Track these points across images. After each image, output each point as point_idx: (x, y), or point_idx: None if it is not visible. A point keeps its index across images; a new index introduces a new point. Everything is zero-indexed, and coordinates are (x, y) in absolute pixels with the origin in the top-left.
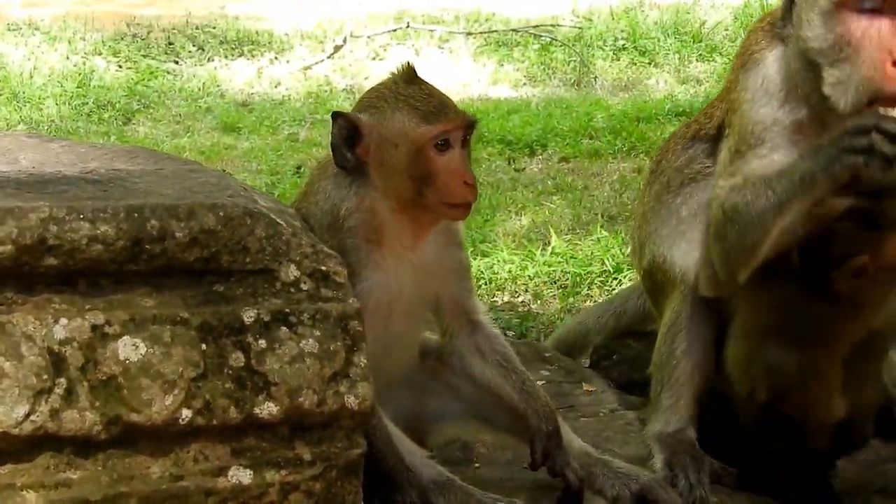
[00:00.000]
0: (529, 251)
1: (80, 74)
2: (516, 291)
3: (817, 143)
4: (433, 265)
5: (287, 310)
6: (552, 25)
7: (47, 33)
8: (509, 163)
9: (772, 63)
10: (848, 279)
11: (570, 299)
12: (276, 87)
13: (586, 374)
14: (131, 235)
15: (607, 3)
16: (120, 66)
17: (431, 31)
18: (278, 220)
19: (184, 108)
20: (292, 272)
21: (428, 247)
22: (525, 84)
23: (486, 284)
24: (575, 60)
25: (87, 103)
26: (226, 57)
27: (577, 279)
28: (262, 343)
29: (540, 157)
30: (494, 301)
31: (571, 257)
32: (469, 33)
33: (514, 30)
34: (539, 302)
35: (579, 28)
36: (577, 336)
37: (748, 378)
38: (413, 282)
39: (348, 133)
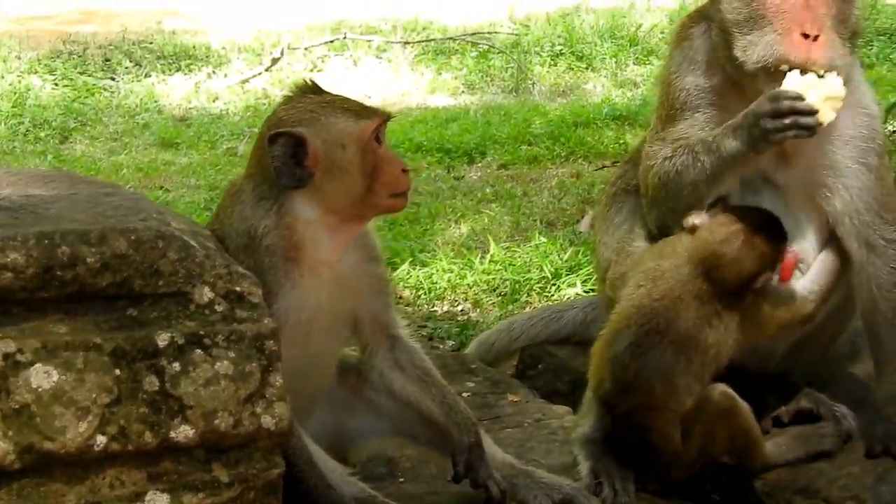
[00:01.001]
0: (468, 259)
1: (15, 93)
2: (456, 300)
3: (741, 115)
4: (352, 280)
5: (201, 332)
6: (489, 33)
7: None
8: (448, 171)
9: (696, 38)
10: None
11: (510, 307)
12: (213, 101)
13: (512, 385)
14: (42, 262)
15: (544, 8)
16: (56, 84)
17: (369, 41)
18: (191, 242)
19: (121, 125)
20: (206, 294)
21: (346, 262)
22: (463, 92)
23: (425, 294)
24: (512, 67)
25: (22, 123)
26: (163, 72)
27: (517, 286)
28: (177, 366)
29: (479, 164)
30: (434, 311)
31: (510, 264)
32: (406, 42)
33: (451, 38)
34: (478, 310)
35: (516, 35)
36: (505, 341)
37: (597, 368)
38: (332, 298)
39: (292, 150)
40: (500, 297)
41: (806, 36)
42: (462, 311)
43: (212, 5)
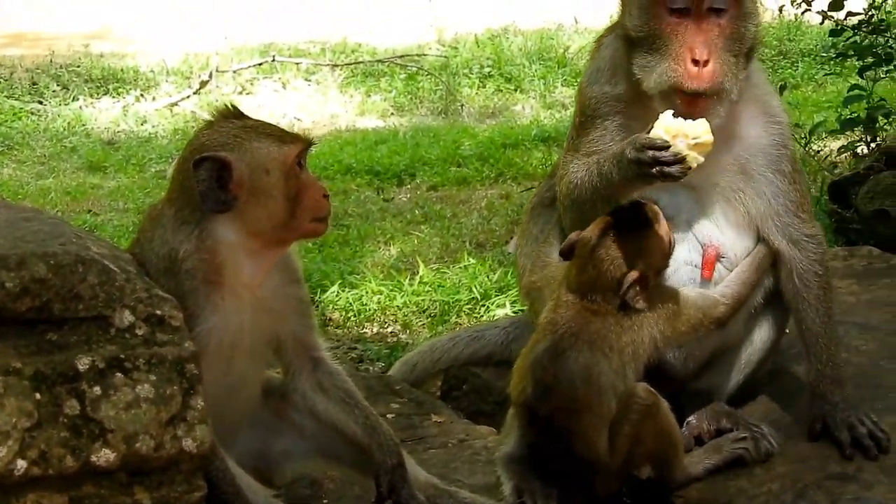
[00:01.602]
0: (398, 281)
1: None
2: (385, 322)
3: (619, 150)
4: (273, 303)
5: (122, 356)
6: (418, 55)
7: None
8: (378, 193)
9: (604, 49)
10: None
11: (439, 328)
12: (142, 124)
13: (436, 406)
14: None
15: (472, 30)
16: None
17: (297, 63)
18: (112, 266)
19: (49, 149)
20: (127, 318)
21: (268, 285)
22: (393, 114)
23: (354, 316)
24: (441, 89)
25: None
26: (91, 96)
27: (446, 307)
28: (97, 390)
29: (408, 186)
30: (364, 333)
31: (439, 286)
32: (335, 65)
33: (379, 60)
34: (408, 332)
35: (445, 57)
36: (427, 362)
37: (518, 377)
38: (254, 321)
39: (217, 174)
40: (429, 319)
41: (696, 62)
42: (392, 332)
43: (140, 28)
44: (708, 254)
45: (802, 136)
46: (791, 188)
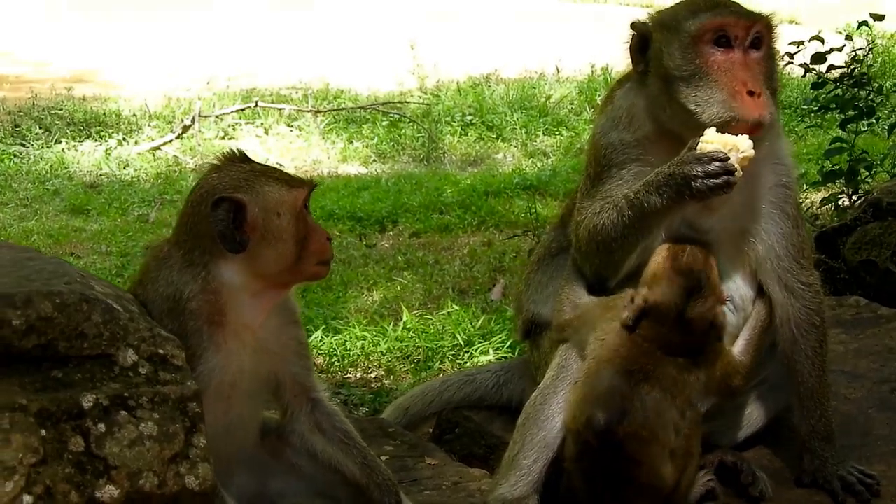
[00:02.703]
0: (381, 327)
1: None
2: (369, 367)
3: (664, 173)
4: (273, 344)
5: (126, 394)
6: (400, 102)
7: None
8: (360, 239)
9: (618, 99)
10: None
11: (423, 374)
12: (124, 168)
13: (429, 448)
14: None
15: (454, 77)
16: None
17: (280, 109)
18: (115, 306)
19: (31, 191)
20: (130, 356)
21: (268, 326)
22: (375, 160)
23: (338, 361)
24: (423, 136)
25: None
26: (73, 139)
27: (430, 353)
28: (102, 427)
29: (391, 232)
30: (347, 378)
31: (423, 332)
32: (317, 111)
33: (362, 107)
34: (392, 377)
35: (427, 104)
36: (420, 406)
37: (584, 405)
38: (253, 361)
39: (233, 215)
40: (413, 365)
41: (751, 93)
42: (375, 377)
43: (122, 72)
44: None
45: None
46: (794, 231)
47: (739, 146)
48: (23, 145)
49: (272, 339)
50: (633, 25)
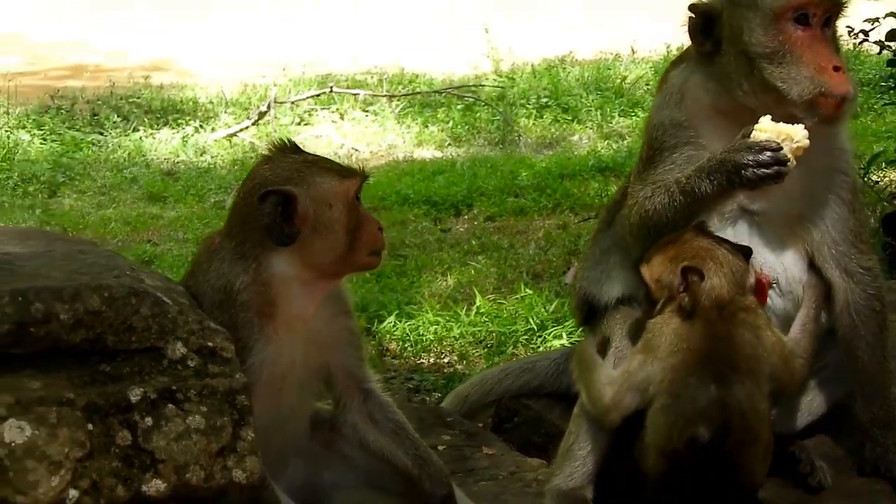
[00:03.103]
0: (455, 312)
1: (3, 148)
2: (442, 352)
3: (717, 160)
4: (324, 334)
5: (174, 387)
6: (475, 86)
7: None
8: (435, 223)
9: (674, 78)
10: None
11: (496, 359)
12: (201, 155)
13: (487, 438)
14: (16, 319)
15: (529, 60)
16: (44, 139)
17: (355, 94)
18: (164, 299)
19: (109, 179)
20: (179, 349)
21: (319, 316)
22: (450, 144)
23: (411, 347)
24: (498, 119)
25: (11, 177)
26: (151, 127)
27: (503, 338)
28: (149, 421)
29: (465, 216)
30: (420, 363)
31: (496, 317)
32: (392, 96)
33: (436, 91)
34: (465, 362)
35: (502, 87)
36: (479, 394)
37: (680, 424)
38: (305, 353)
39: (282, 207)
40: (486, 350)
41: (836, 69)
42: (448, 363)
43: (199, 60)
44: (761, 280)
45: (861, 166)
46: (851, 216)
47: (794, 136)
48: (101, 134)
49: (324, 329)
50: (694, 7)
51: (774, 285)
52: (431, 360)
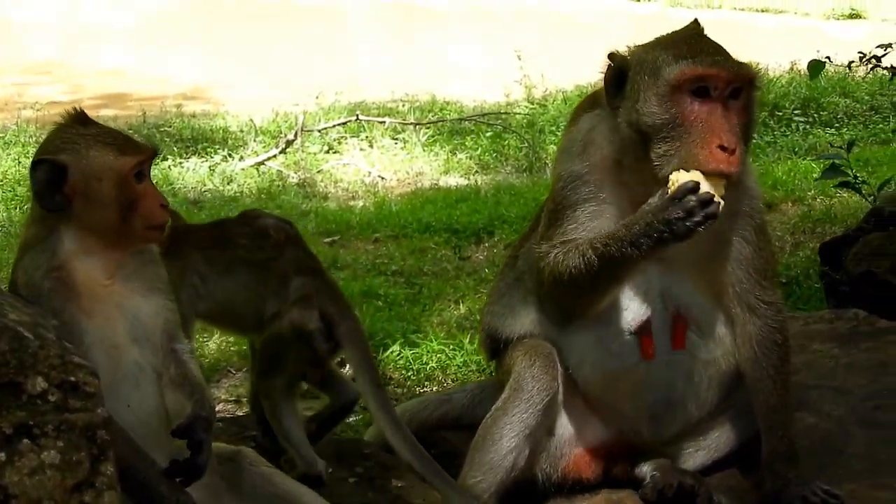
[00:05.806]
0: (459, 340)
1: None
2: (444, 381)
3: (638, 223)
4: (134, 286)
5: (31, 422)
6: (505, 113)
7: (1, 138)
8: (455, 251)
9: (582, 122)
10: None
11: None
12: (228, 183)
13: (400, 470)
14: None
15: (562, 87)
16: None
17: (382, 122)
18: (26, 333)
19: None
20: (39, 384)
21: (126, 275)
22: (477, 171)
23: (414, 375)
24: (527, 147)
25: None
26: (179, 156)
27: None
28: (2, 456)
29: (486, 244)
30: (423, 391)
31: None
32: (418, 123)
33: (462, 118)
34: None
35: (530, 115)
36: None
37: None
38: (123, 311)
39: (52, 176)
40: (488, 378)
41: (723, 148)
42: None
43: (232, 89)
44: (678, 323)
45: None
46: (755, 255)
47: (710, 188)
48: None
49: (132, 282)
50: (612, 56)
51: (693, 326)
52: (434, 388)
